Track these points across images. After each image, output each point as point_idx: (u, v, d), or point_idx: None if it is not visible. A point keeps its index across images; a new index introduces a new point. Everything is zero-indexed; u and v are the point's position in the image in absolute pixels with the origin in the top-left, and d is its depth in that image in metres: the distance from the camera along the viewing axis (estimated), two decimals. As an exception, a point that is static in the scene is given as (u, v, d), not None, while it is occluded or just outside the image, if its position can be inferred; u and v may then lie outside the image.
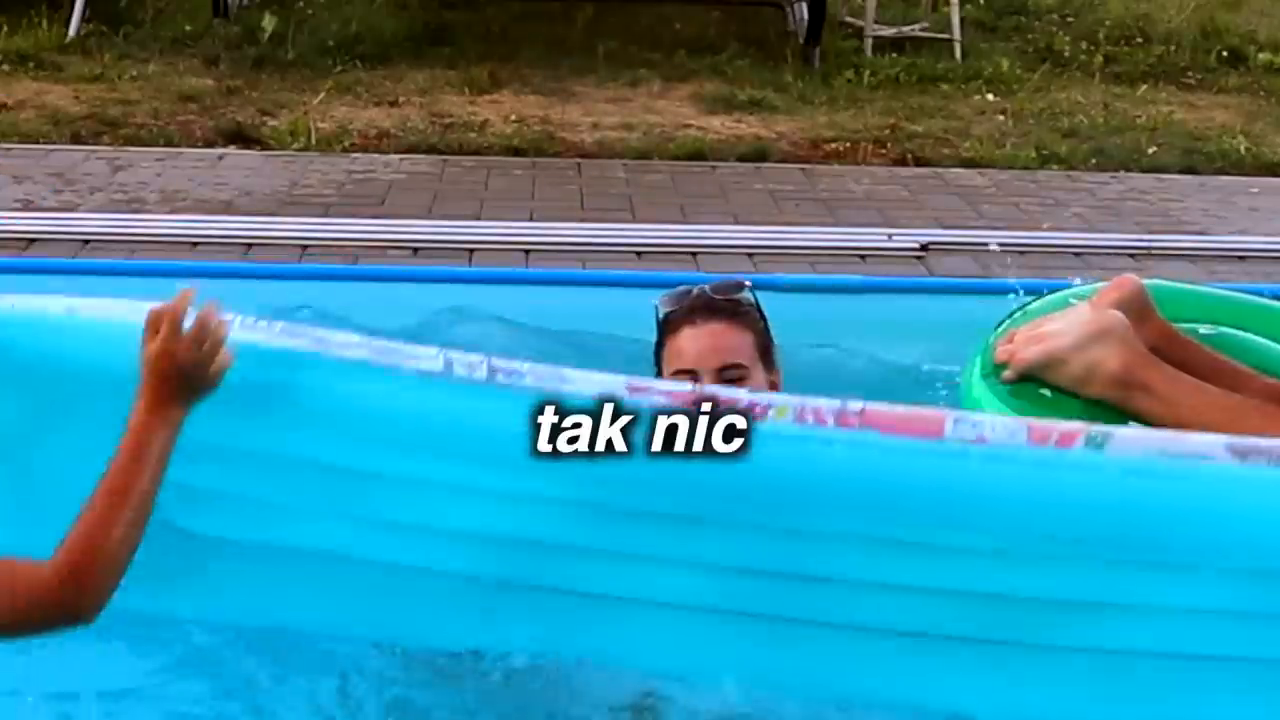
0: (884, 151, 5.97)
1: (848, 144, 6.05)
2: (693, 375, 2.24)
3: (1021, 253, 4.35)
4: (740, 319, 2.37)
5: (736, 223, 5.04)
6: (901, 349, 2.97)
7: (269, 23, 6.93)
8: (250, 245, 4.34)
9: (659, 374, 2.41)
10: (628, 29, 7.66)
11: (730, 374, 2.25)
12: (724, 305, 2.35)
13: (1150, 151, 5.98)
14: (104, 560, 1.50)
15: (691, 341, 2.28)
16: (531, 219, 4.86)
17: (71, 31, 6.71)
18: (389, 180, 5.36)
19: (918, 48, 7.34)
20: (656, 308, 2.44)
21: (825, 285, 3.70)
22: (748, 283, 2.44)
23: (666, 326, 2.39)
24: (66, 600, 1.49)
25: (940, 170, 5.85)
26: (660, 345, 2.39)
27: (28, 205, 4.91)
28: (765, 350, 2.33)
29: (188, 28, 6.98)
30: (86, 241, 4.32)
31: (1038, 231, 4.84)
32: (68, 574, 1.47)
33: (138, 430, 1.55)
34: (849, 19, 7.58)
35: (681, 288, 2.44)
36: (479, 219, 4.83)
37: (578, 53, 7.19)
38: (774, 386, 2.30)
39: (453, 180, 5.46)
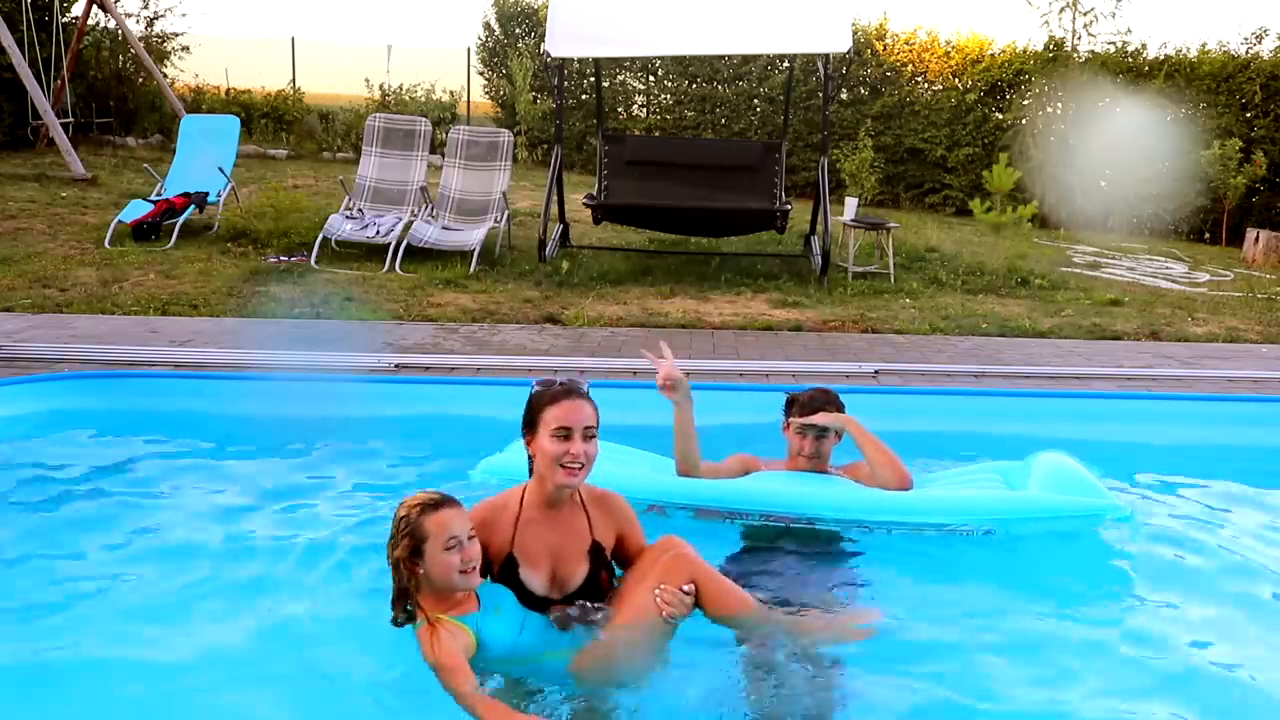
0: (856, 326, 7.32)
1: (839, 322, 7.41)
2: (569, 431, 2.69)
3: (920, 375, 5.81)
4: (590, 400, 2.77)
5: (786, 360, 6.16)
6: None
7: (564, 265, 8.82)
8: (556, 370, 5.45)
9: (532, 433, 2.74)
10: (735, 267, 9.36)
11: (589, 433, 2.72)
12: (584, 391, 2.79)
13: (983, 327, 7.42)
14: None
15: (569, 410, 2.71)
16: (690, 358, 5.92)
17: (471, 269, 8.49)
18: (621, 340, 6.53)
19: (873, 277, 9.13)
20: (532, 389, 2.77)
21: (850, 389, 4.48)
22: (585, 378, 2.88)
23: (546, 399, 2.74)
24: None
25: (883, 335, 7.11)
26: (539, 411, 2.73)
27: (438, 347, 6.11)
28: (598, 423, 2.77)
29: (526, 267, 8.74)
30: (479, 369, 5.58)
31: (926, 364, 6.13)
32: None
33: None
34: (840, 263, 9.24)
35: (547, 378, 2.82)
36: (662, 359, 5.52)
37: (710, 279, 8.82)
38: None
39: (651, 341, 5.63)
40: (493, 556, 2.79)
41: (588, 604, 2.78)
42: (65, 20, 14.58)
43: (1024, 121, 15.45)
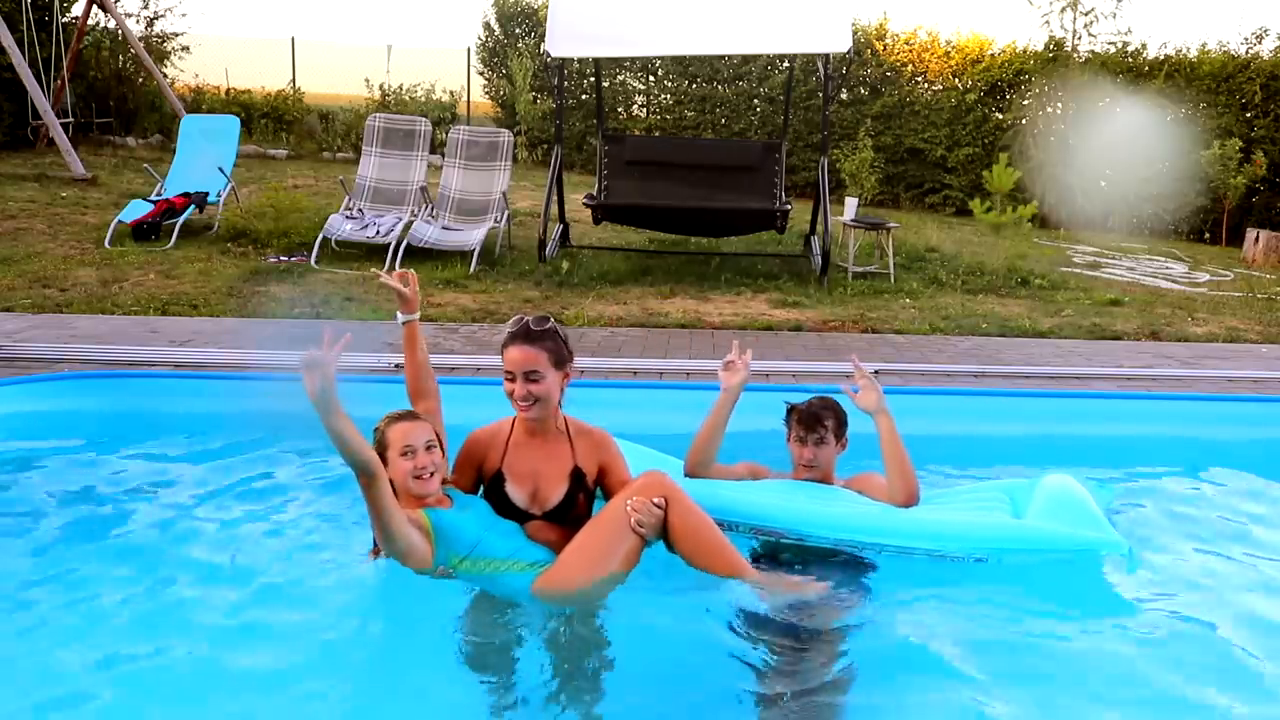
0: (856, 326, 7.37)
1: (839, 322, 7.46)
2: (512, 374, 3.01)
3: (920, 375, 5.82)
4: (537, 343, 2.99)
5: (786, 360, 6.19)
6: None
7: (564, 265, 8.89)
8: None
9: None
10: (735, 267, 9.42)
11: (533, 376, 3.00)
12: (530, 333, 3.01)
13: (983, 327, 7.46)
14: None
15: (512, 355, 3.01)
16: (690, 358, 6.04)
17: (471, 269, 8.55)
18: (621, 340, 6.58)
19: (873, 277, 9.19)
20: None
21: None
22: (551, 318, 3.06)
23: (505, 340, 3.05)
24: None
25: (883, 335, 7.15)
26: (501, 351, 3.06)
27: (438, 347, 6.09)
28: (559, 360, 3.03)
29: (526, 267, 8.81)
30: (479, 369, 5.59)
31: (926, 364, 6.14)
32: None
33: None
34: (840, 263, 9.30)
35: (521, 315, 3.09)
36: (666, 358, 6.08)
37: (710, 279, 8.87)
38: (566, 376, 3.09)
39: (650, 341, 6.62)
40: (485, 472, 3.17)
41: None
42: (65, 20, 14.59)
43: (1024, 121, 15.46)
